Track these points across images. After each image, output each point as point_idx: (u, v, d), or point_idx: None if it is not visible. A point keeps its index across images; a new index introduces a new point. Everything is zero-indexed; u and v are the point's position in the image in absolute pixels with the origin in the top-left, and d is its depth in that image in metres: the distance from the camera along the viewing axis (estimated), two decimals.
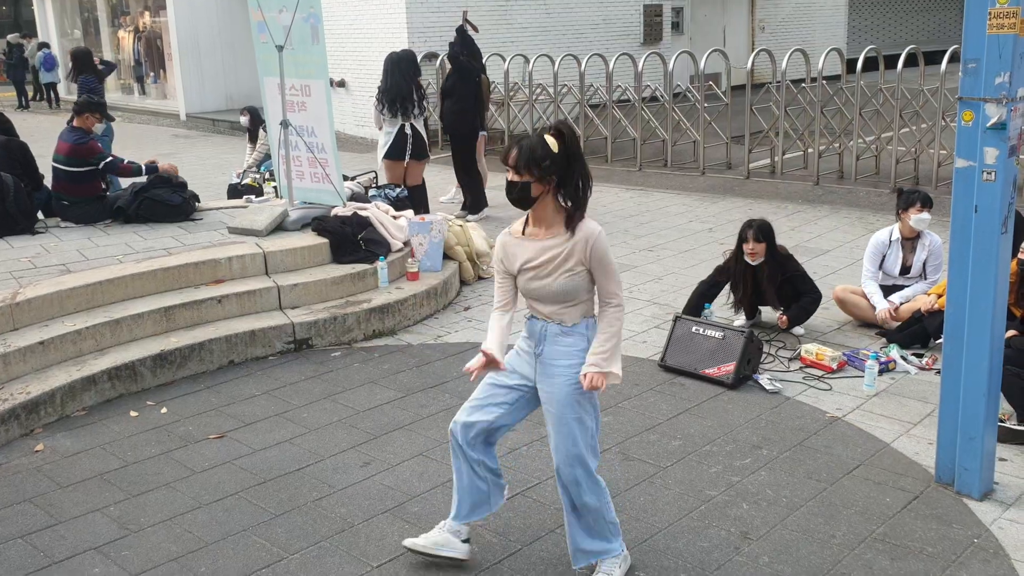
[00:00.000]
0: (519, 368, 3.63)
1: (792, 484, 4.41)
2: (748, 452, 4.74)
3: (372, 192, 8.85)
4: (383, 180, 9.49)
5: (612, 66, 12.96)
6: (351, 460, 4.75)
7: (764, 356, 5.89)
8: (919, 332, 6.06)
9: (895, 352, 5.85)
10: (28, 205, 7.43)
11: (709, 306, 6.37)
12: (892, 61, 11.28)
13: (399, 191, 8.89)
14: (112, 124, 10.14)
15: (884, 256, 6.52)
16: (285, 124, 7.45)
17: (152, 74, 22.06)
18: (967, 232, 4.01)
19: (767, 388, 5.49)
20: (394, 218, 7.65)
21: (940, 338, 4.64)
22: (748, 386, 5.57)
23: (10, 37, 24.75)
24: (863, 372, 5.57)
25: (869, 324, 6.47)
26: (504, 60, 14.03)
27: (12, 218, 7.26)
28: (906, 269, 6.50)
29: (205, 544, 4.02)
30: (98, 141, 8.26)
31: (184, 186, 8.01)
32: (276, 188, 8.43)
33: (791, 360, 5.92)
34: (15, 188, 7.27)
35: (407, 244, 7.43)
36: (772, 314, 6.46)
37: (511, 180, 3.34)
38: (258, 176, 10.06)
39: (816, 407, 5.27)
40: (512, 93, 14.15)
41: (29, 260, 6.62)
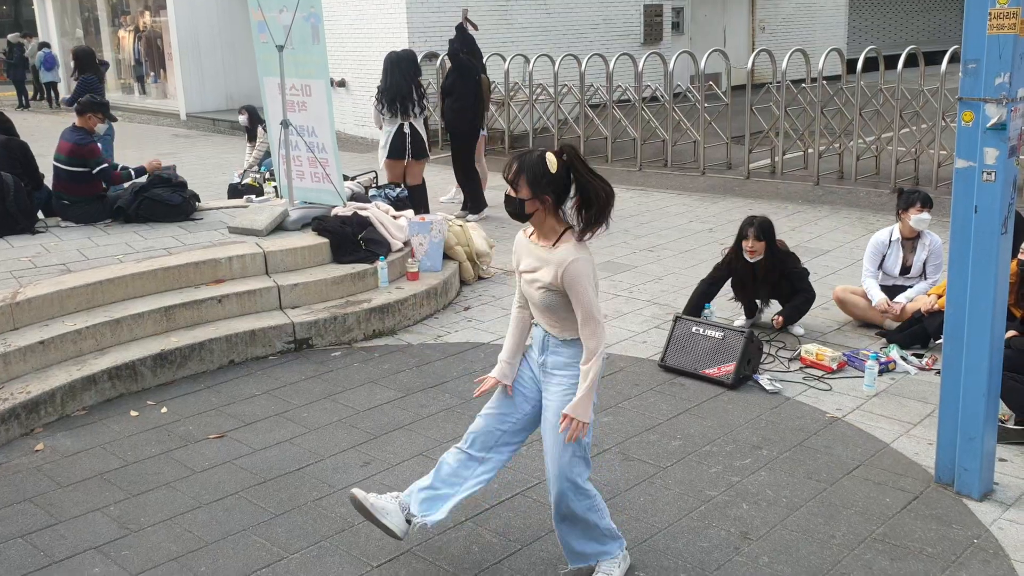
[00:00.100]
0: (527, 390, 3.66)
1: (792, 484, 4.42)
2: (748, 452, 4.74)
3: (372, 192, 8.86)
4: (383, 180, 9.49)
5: (612, 66, 12.96)
6: (351, 460, 4.75)
7: (764, 356, 5.90)
8: (919, 332, 6.07)
9: (895, 352, 5.85)
10: (28, 204, 7.44)
11: (709, 306, 6.37)
12: (892, 61, 11.29)
13: (399, 191, 8.90)
14: (113, 124, 10.14)
15: (884, 256, 6.53)
16: (285, 124, 7.45)
17: (152, 74, 22.06)
18: (967, 232, 4.01)
19: (767, 388, 5.49)
20: (394, 218, 7.66)
21: (940, 338, 4.64)
22: (748, 386, 5.57)
23: (10, 36, 24.75)
24: (863, 372, 5.57)
25: (869, 324, 6.47)
26: (504, 60, 14.04)
27: (12, 217, 7.26)
28: (906, 269, 6.50)
29: (205, 544, 4.02)
30: (100, 141, 8.27)
31: (184, 186, 8.01)
32: (276, 188, 8.44)
33: (791, 360, 5.92)
34: (15, 187, 7.27)
35: (407, 244, 7.43)
36: (771, 314, 6.46)
37: (507, 195, 3.44)
38: (258, 176, 10.06)
39: (816, 407, 5.27)
40: (512, 93, 14.15)
41: (29, 260, 6.62)
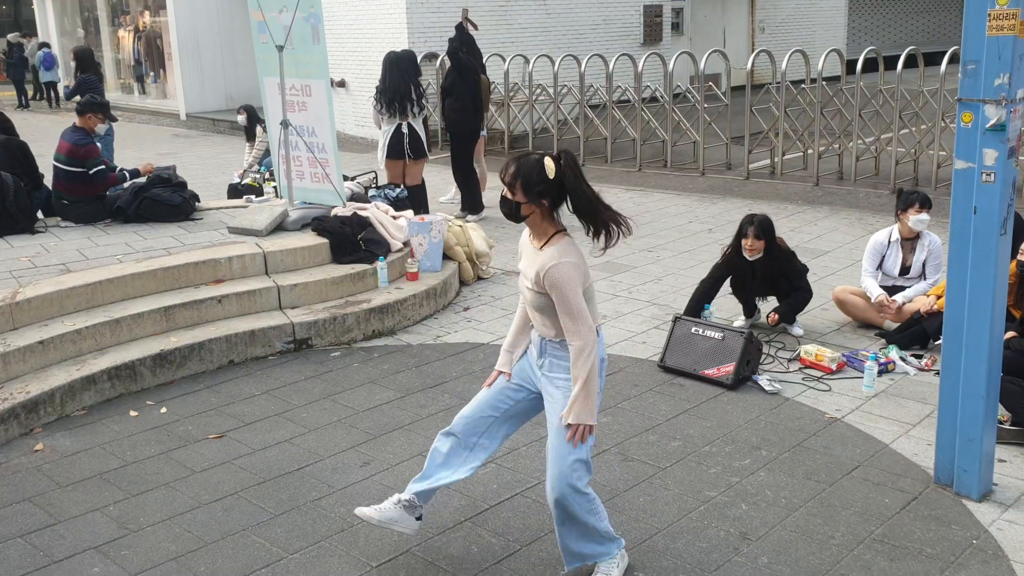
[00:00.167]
0: (524, 380, 3.73)
1: (791, 485, 4.42)
2: (747, 453, 4.74)
3: (372, 192, 8.86)
4: (383, 180, 9.50)
5: (612, 66, 12.96)
6: (350, 460, 4.75)
7: (763, 357, 5.90)
8: (918, 333, 6.07)
9: (894, 353, 5.85)
10: (28, 204, 7.43)
11: (709, 307, 6.37)
12: (892, 62, 11.29)
13: (399, 191, 8.90)
14: (113, 125, 10.13)
15: (883, 257, 6.53)
16: (285, 124, 7.45)
17: (152, 74, 22.06)
18: (966, 233, 4.02)
19: (766, 389, 5.49)
20: (394, 218, 7.66)
21: (939, 339, 4.64)
22: (747, 387, 5.58)
23: (10, 36, 24.75)
24: (862, 373, 5.57)
25: (868, 325, 6.48)
26: (504, 60, 14.04)
27: (12, 217, 7.26)
28: (905, 270, 6.50)
29: (204, 544, 4.02)
30: (100, 142, 8.26)
31: (184, 186, 8.01)
32: (276, 188, 8.44)
33: (790, 361, 5.92)
34: (15, 187, 7.27)
35: (407, 244, 7.43)
36: (768, 311, 6.47)
37: (504, 196, 3.50)
38: (258, 176, 10.07)
39: (815, 408, 5.27)
40: (512, 93, 14.15)
41: (29, 259, 6.63)
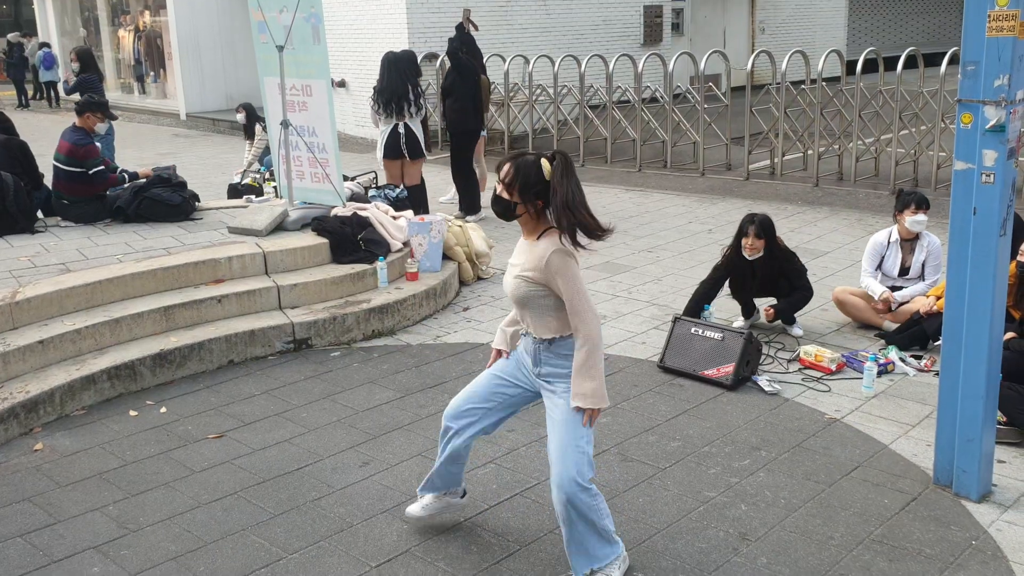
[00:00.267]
0: (519, 380, 3.76)
1: (790, 485, 4.42)
2: (747, 453, 4.75)
3: (372, 192, 8.86)
4: (383, 180, 9.50)
5: (612, 67, 12.96)
6: (350, 460, 4.76)
7: (763, 357, 5.90)
8: (918, 334, 6.07)
9: (894, 354, 5.86)
10: (28, 204, 7.43)
11: (709, 307, 6.37)
12: (892, 63, 11.30)
13: (399, 191, 8.91)
14: (113, 124, 10.13)
15: (883, 257, 6.53)
16: (285, 124, 7.45)
17: (152, 73, 22.06)
18: (966, 234, 4.02)
19: (766, 389, 5.50)
20: (394, 218, 7.66)
21: (939, 340, 4.64)
22: (747, 387, 5.58)
23: (10, 36, 24.75)
24: (862, 374, 5.58)
25: (868, 326, 6.48)
26: (504, 61, 14.04)
27: (12, 217, 7.26)
28: (904, 270, 6.50)
29: (204, 543, 4.02)
30: (101, 141, 8.26)
31: (184, 186, 8.01)
32: (276, 188, 8.44)
33: (790, 361, 5.92)
34: (15, 187, 7.28)
35: (406, 244, 7.43)
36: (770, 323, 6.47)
37: (499, 194, 3.51)
38: (258, 176, 10.07)
39: (815, 408, 5.27)
40: (512, 94, 14.15)
41: (28, 259, 6.63)
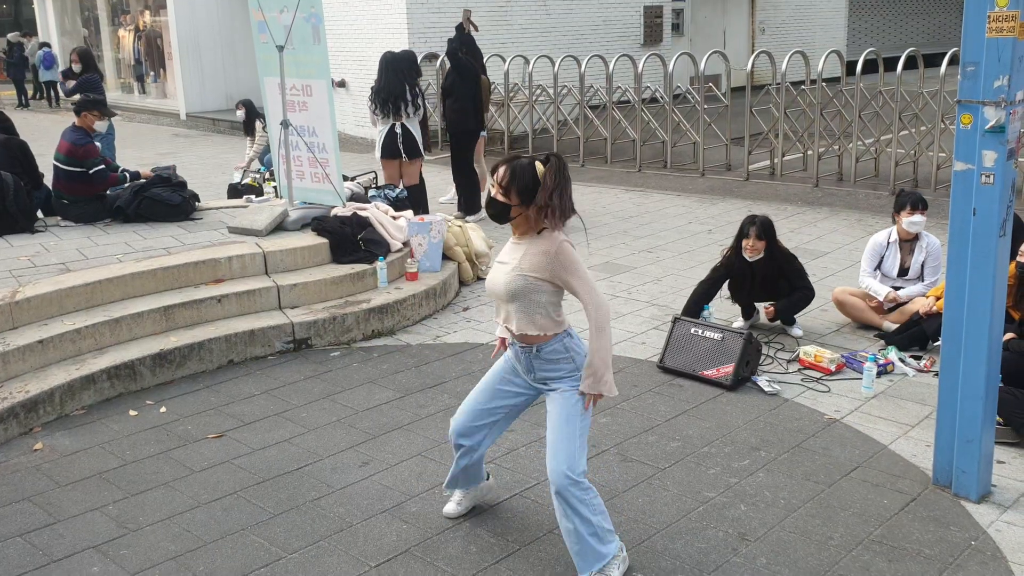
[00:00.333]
0: (519, 385, 3.82)
1: (790, 486, 4.42)
2: (746, 454, 4.75)
3: (372, 192, 8.86)
4: (383, 180, 9.50)
5: (612, 67, 12.96)
6: (350, 460, 4.76)
7: (763, 358, 5.90)
8: (917, 334, 6.07)
9: (893, 354, 5.86)
10: (27, 204, 7.44)
11: (708, 307, 6.38)
12: (892, 63, 11.30)
13: (399, 191, 8.91)
14: (112, 122, 10.12)
15: (882, 257, 6.54)
16: (285, 124, 7.45)
17: (152, 73, 22.07)
18: (965, 235, 4.02)
19: (765, 390, 5.50)
20: (393, 218, 7.66)
21: (938, 340, 4.64)
22: (747, 388, 5.58)
23: (10, 36, 24.76)
24: (861, 374, 5.58)
25: (868, 326, 6.48)
26: (504, 61, 14.04)
27: (12, 217, 7.26)
28: (904, 271, 6.51)
29: (203, 543, 4.02)
30: (101, 140, 8.26)
31: (184, 185, 8.02)
32: (276, 188, 8.44)
33: (790, 362, 5.92)
34: (15, 187, 7.28)
35: (406, 244, 7.44)
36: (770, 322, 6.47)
37: (494, 197, 3.52)
38: (258, 176, 10.08)
39: (814, 409, 5.27)
40: (512, 94, 14.16)
41: (28, 259, 6.63)
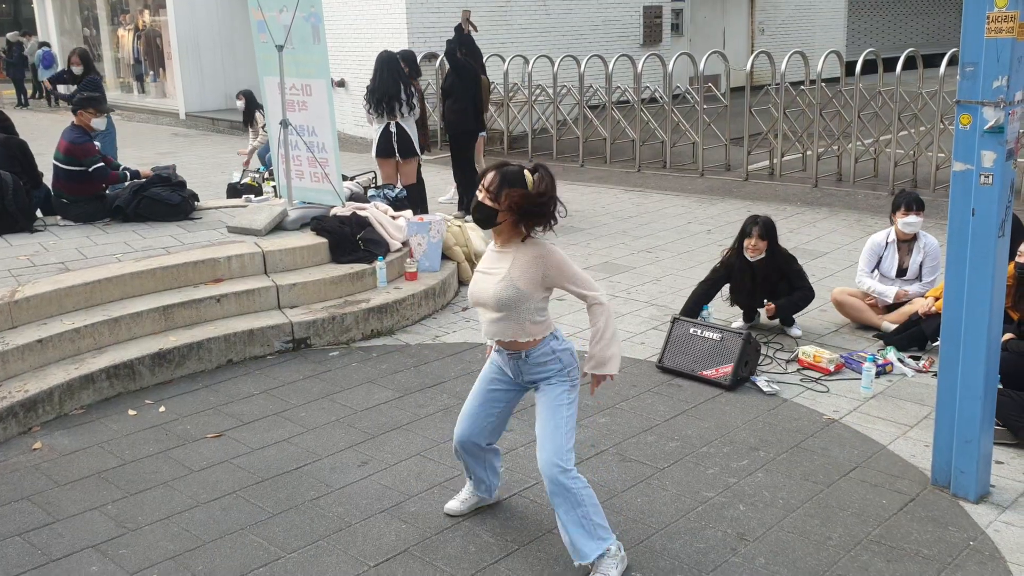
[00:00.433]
0: (504, 374, 3.86)
1: (789, 486, 4.42)
2: (745, 454, 4.75)
3: (371, 192, 8.87)
4: (381, 180, 9.50)
5: (611, 67, 12.97)
6: (349, 459, 4.76)
7: (762, 358, 5.90)
8: (916, 335, 6.08)
9: (892, 354, 5.86)
10: (27, 203, 7.44)
11: (708, 307, 6.38)
12: (891, 64, 11.30)
13: (398, 191, 8.91)
14: (113, 121, 10.11)
15: (881, 258, 6.54)
16: (285, 124, 7.45)
17: (152, 72, 22.07)
18: (964, 235, 4.02)
19: (764, 390, 5.50)
20: (393, 218, 7.66)
21: (937, 341, 4.65)
22: (746, 388, 5.58)
23: (10, 35, 24.76)
24: (860, 374, 5.58)
25: (867, 326, 6.48)
26: (504, 61, 14.05)
27: (11, 216, 7.26)
28: (902, 271, 6.51)
29: (202, 543, 4.03)
30: (102, 139, 8.25)
31: (183, 185, 8.02)
32: (275, 187, 8.44)
33: (789, 362, 5.93)
34: (14, 186, 7.28)
35: (406, 244, 7.44)
36: (770, 320, 6.47)
37: (482, 202, 3.54)
38: (257, 175, 10.08)
39: (813, 409, 5.28)
40: (511, 94, 14.16)
41: (28, 258, 6.63)
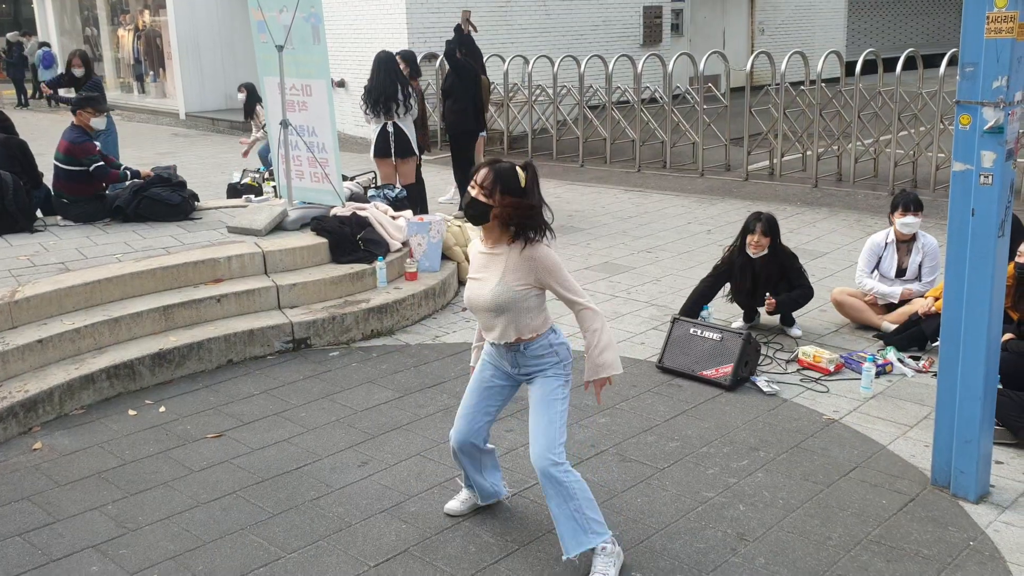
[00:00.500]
0: (500, 369, 3.87)
1: (789, 486, 4.43)
2: (745, 454, 4.75)
3: (371, 192, 8.87)
4: (381, 180, 9.50)
5: (611, 67, 12.97)
6: (349, 460, 4.76)
7: (762, 358, 5.91)
8: (916, 335, 6.08)
9: (892, 355, 5.86)
10: (27, 203, 7.44)
11: (708, 308, 6.38)
12: (891, 64, 11.31)
13: (398, 191, 8.91)
14: (114, 121, 10.10)
15: (880, 258, 6.54)
16: (285, 124, 7.45)
17: (152, 73, 22.07)
18: (964, 235, 4.03)
19: (764, 390, 5.50)
20: (393, 218, 7.66)
21: (937, 341, 4.65)
22: (745, 388, 5.58)
23: (10, 35, 24.76)
24: (860, 374, 5.58)
25: (866, 327, 6.48)
26: (504, 61, 14.05)
27: (11, 216, 7.27)
28: (901, 271, 6.51)
29: (203, 543, 4.03)
30: (103, 139, 8.24)
31: (183, 185, 8.02)
32: (275, 188, 8.45)
33: (788, 362, 5.93)
34: (14, 186, 7.28)
35: (406, 244, 7.44)
36: (770, 316, 6.47)
37: (476, 198, 3.55)
38: (257, 176, 10.09)
39: (813, 409, 5.28)
40: (512, 94, 14.16)
41: (28, 258, 6.63)
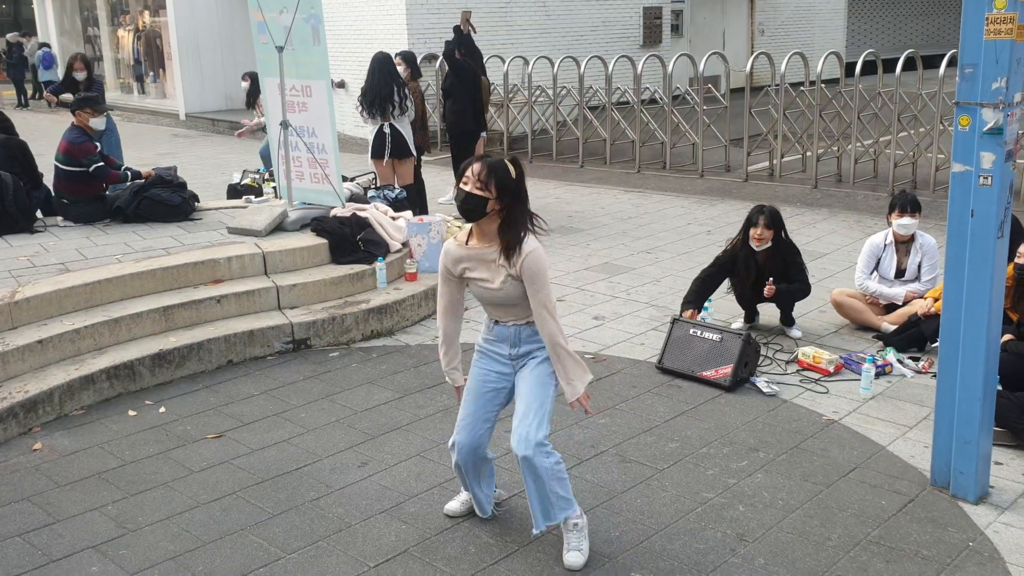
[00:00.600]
0: (495, 369, 3.88)
1: (788, 487, 4.43)
2: (745, 454, 4.75)
3: (371, 193, 8.87)
4: (380, 181, 9.51)
5: (611, 68, 12.97)
6: (349, 460, 4.76)
7: (761, 359, 5.91)
8: (916, 336, 6.08)
9: (892, 355, 5.86)
10: (27, 204, 7.44)
11: (708, 308, 6.38)
12: (891, 65, 11.32)
13: (398, 192, 8.91)
14: (115, 121, 10.10)
15: (879, 259, 6.54)
16: (285, 124, 7.46)
17: (152, 73, 22.08)
18: (963, 236, 4.03)
19: (764, 391, 5.51)
20: (393, 219, 7.67)
21: (936, 342, 4.65)
22: (745, 389, 5.59)
23: (9, 36, 24.76)
24: (860, 375, 5.59)
25: (866, 327, 6.49)
26: (504, 62, 14.05)
27: (11, 217, 7.27)
28: (901, 272, 6.51)
29: (203, 543, 4.03)
30: (104, 140, 8.24)
31: (183, 186, 8.02)
32: (275, 188, 8.45)
33: (788, 363, 5.93)
34: (14, 187, 7.28)
35: (406, 245, 7.45)
36: (770, 317, 6.47)
37: (471, 192, 3.56)
38: (258, 176, 10.09)
39: (813, 410, 5.28)
40: (511, 95, 14.17)
41: (28, 259, 6.63)
